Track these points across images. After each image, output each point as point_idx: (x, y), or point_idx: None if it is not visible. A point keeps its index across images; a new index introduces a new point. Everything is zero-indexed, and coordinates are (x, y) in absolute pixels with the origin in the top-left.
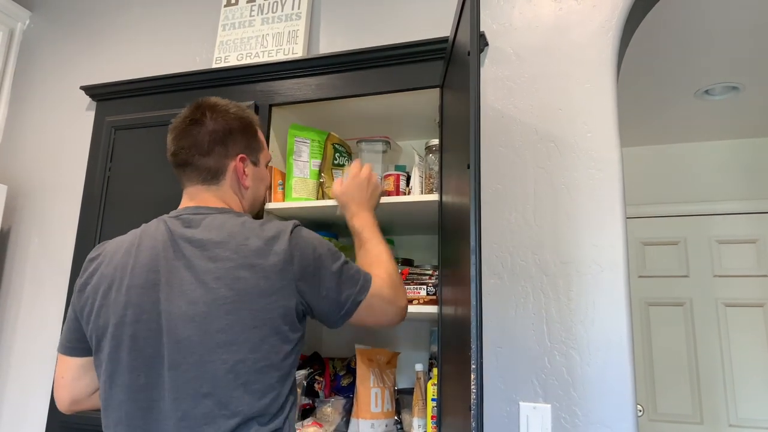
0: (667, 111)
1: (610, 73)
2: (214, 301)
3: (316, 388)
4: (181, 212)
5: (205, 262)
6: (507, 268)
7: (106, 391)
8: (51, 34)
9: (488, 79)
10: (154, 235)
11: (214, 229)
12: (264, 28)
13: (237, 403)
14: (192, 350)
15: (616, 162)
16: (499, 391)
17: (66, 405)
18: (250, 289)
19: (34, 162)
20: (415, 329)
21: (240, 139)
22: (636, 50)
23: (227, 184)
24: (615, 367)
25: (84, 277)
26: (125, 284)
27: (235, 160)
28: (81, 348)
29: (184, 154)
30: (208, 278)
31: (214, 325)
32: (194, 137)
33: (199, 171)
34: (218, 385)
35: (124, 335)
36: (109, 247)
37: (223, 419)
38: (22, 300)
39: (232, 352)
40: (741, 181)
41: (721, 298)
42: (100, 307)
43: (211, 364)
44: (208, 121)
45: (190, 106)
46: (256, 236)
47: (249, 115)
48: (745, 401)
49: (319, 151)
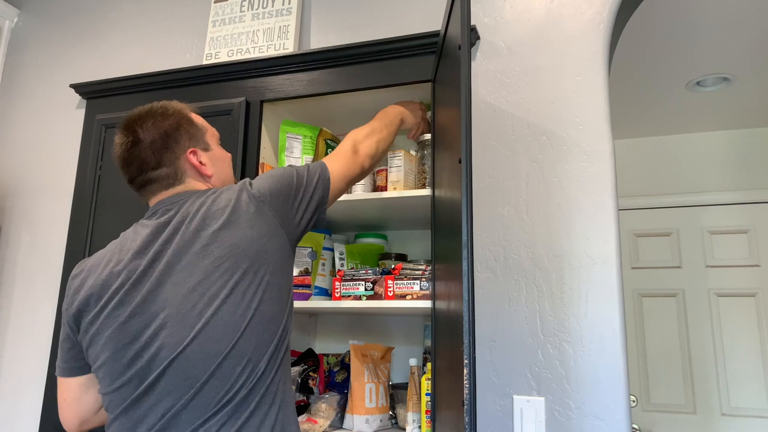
0: (659, 103)
1: (602, 66)
2: (211, 264)
3: (311, 385)
4: (155, 208)
5: (188, 237)
6: (500, 262)
7: (108, 397)
8: (40, 32)
9: (480, 73)
10: (134, 237)
11: (192, 208)
12: (255, 24)
13: (253, 347)
14: (199, 316)
15: (608, 154)
16: (493, 384)
17: (75, 426)
18: (239, 241)
19: (24, 161)
20: (408, 324)
21: (180, 135)
22: (627, 42)
23: (191, 180)
24: (608, 359)
25: (71, 293)
26: (113, 288)
27: (186, 156)
28: (78, 367)
29: (139, 178)
30: (197, 248)
31: (215, 286)
32: (138, 157)
33: (159, 182)
34: (233, 339)
35: (120, 337)
36: (91, 261)
37: (222, 395)
38: (13, 300)
39: (237, 302)
40: (733, 172)
41: (714, 288)
42: (92, 318)
43: (219, 320)
44: (142, 135)
45: (121, 129)
46: (224, 198)
47: (177, 108)
48: (737, 390)
49: (311, 147)
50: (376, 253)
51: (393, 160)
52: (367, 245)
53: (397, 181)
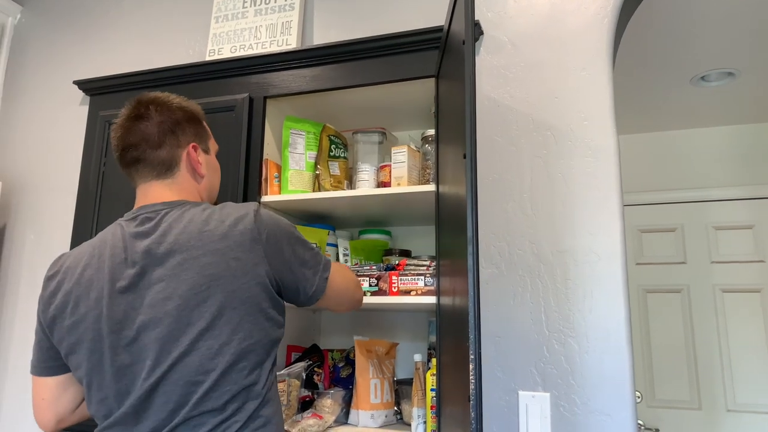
0: (663, 98)
1: (606, 61)
2: (188, 291)
3: (316, 380)
4: (137, 212)
5: (171, 257)
6: (504, 258)
7: (94, 405)
8: (42, 29)
9: (483, 69)
10: (113, 242)
11: (175, 222)
12: (257, 20)
13: (225, 383)
14: (176, 344)
15: (613, 150)
16: (498, 380)
17: (52, 426)
18: (221, 272)
19: (28, 158)
20: (413, 320)
21: (188, 128)
22: (632, 37)
23: (182, 174)
24: (613, 355)
25: (46, 296)
26: (92, 297)
27: (188, 149)
28: (56, 366)
29: (134, 151)
30: (177, 271)
31: (193, 315)
32: (142, 132)
33: (152, 165)
34: (206, 371)
35: (104, 348)
36: (68, 261)
37: (212, 401)
38: (18, 296)
39: (215, 336)
40: (737, 167)
41: (719, 283)
42: (71, 325)
43: (197, 352)
44: (153, 114)
45: (131, 104)
46: (218, 220)
47: (192, 106)
48: (742, 386)
49: (314, 143)
50: (380, 248)
51: (396, 155)
52: (371, 241)
53: (400, 177)
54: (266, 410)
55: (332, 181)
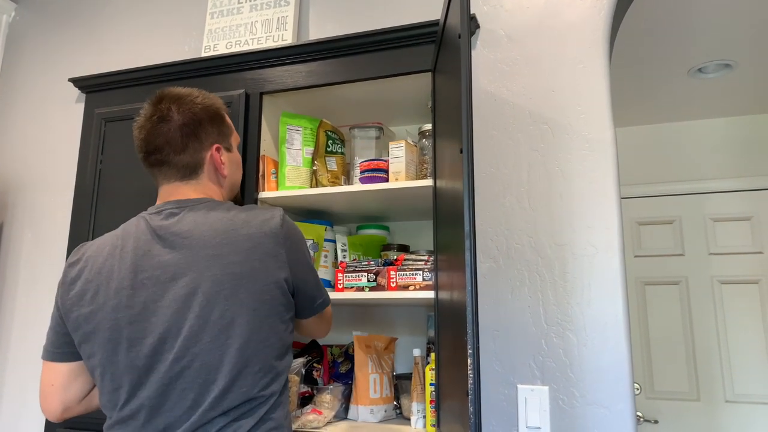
0: (661, 90)
1: (603, 53)
2: (211, 288)
3: (315, 376)
4: (162, 207)
5: (194, 253)
6: (502, 252)
7: (106, 395)
8: (37, 26)
9: (480, 62)
10: (137, 234)
11: (200, 219)
12: (253, 15)
13: (241, 384)
14: (196, 340)
15: (610, 142)
16: (497, 374)
17: (58, 413)
18: (245, 272)
19: (25, 156)
20: (412, 315)
21: (211, 128)
22: (628, 29)
23: (206, 176)
24: (612, 347)
25: (67, 282)
26: (113, 287)
27: (211, 151)
28: (70, 353)
29: (157, 155)
30: (201, 268)
31: (214, 312)
32: (165, 135)
33: (177, 168)
34: (224, 370)
35: (121, 338)
36: (90, 250)
37: (228, 401)
38: (17, 295)
39: (234, 336)
40: (735, 159)
41: (717, 275)
42: (89, 314)
43: (217, 350)
44: (175, 115)
45: (153, 101)
46: (244, 221)
47: (215, 101)
48: (741, 377)
49: (311, 139)
50: (378, 244)
51: (394, 150)
52: (369, 236)
53: (398, 172)
54: (277, 413)
55: (329, 176)
